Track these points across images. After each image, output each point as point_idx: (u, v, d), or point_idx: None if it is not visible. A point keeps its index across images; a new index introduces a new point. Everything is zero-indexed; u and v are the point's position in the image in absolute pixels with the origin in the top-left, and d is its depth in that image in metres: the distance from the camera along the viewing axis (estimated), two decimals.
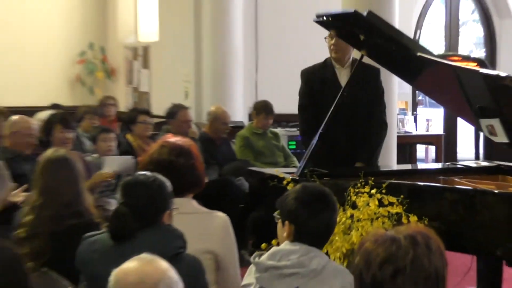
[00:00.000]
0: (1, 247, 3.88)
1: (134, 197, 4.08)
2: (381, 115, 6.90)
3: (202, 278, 3.92)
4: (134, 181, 4.20)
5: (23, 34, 16.48)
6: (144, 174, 4.23)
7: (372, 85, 6.85)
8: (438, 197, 5.34)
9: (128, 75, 16.34)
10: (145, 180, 4.14)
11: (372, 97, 6.82)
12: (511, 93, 5.63)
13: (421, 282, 2.46)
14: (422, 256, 2.48)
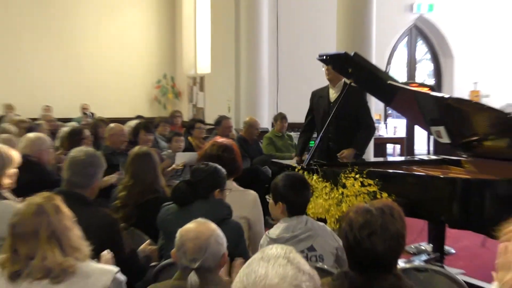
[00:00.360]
0: (103, 213, 3.96)
1: (192, 177, 4.16)
2: (367, 119, 6.85)
3: (242, 237, 3.97)
4: (196, 167, 4.26)
5: (121, 66, 16.45)
6: (206, 163, 4.29)
7: (359, 100, 6.80)
8: (401, 180, 5.35)
9: (189, 96, 16.24)
10: (203, 167, 4.19)
11: (361, 108, 6.78)
12: (451, 109, 5.63)
13: (388, 240, 2.51)
14: (388, 222, 2.54)
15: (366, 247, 2.50)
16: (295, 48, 12.36)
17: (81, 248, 2.84)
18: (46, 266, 2.69)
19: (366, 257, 2.51)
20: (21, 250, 2.72)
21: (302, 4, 12.89)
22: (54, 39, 15.93)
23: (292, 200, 3.87)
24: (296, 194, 3.89)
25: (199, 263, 2.72)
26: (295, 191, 3.89)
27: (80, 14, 16.13)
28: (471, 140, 5.82)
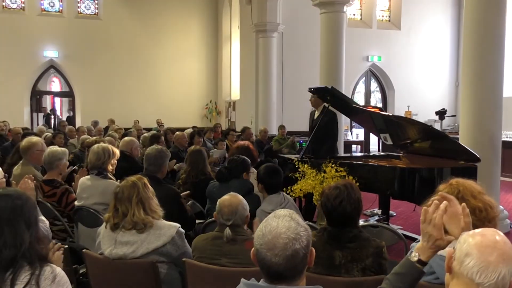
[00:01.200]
0: (170, 188, 3.96)
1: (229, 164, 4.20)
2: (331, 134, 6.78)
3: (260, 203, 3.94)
4: (232, 158, 4.28)
5: (182, 94, 16.49)
6: (237, 155, 4.30)
7: (328, 118, 6.71)
8: (361, 168, 5.31)
9: (226, 113, 16.22)
10: (236, 158, 4.21)
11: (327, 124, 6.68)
12: (393, 123, 5.61)
13: (352, 203, 2.53)
14: (351, 193, 2.57)
15: (339, 210, 2.51)
16: (294, 81, 12.41)
17: (157, 211, 2.88)
18: (134, 220, 2.76)
19: (339, 217, 2.53)
20: (120, 208, 2.80)
21: (298, 54, 12.90)
22: (141, 75, 16.05)
23: (267, 182, 3.88)
24: (269, 178, 3.88)
25: (232, 221, 2.72)
26: (269, 176, 3.88)
27: (157, 60, 16.22)
28: (406, 142, 5.79)
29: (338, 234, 2.52)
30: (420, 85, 14.74)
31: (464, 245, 1.41)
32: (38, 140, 4.98)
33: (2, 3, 15.03)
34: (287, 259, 1.54)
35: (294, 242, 1.55)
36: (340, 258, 2.46)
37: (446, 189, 2.13)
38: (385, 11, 15.13)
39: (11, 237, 1.81)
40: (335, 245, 2.50)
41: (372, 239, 2.55)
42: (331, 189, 2.59)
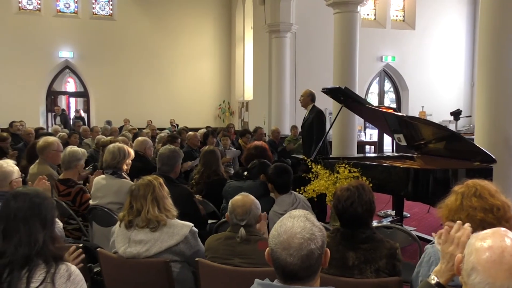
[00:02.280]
0: (183, 188, 3.97)
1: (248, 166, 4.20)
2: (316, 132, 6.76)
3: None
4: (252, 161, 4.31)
5: (196, 94, 16.54)
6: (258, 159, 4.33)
7: (313, 117, 6.76)
8: (375, 168, 5.27)
9: (239, 114, 16.23)
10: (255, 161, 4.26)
11: (312, 123, 6.75)
12: (407, 123, 5.56)
13: (363, 206, 2.51)
14: (362, 194, 2.55)
15: (350, 211, 2.50)
16: (306, 81, 12.29)
17: (171, 210, 2.90)
18: (148, 217, 2.79)
19: (351, 218, 2.53)
20: (135, 205, 2.83)
21: (311, 54, 12.86)
22: (154, 76, 16.13)
23: (276, 181, 3.88)
24: (278, 177, 3.87)
25: (245, 221, 2.72)
26: (277, 175, 3.88)
27: (171, 60, 16.28)
28: (420, 143, 5.74)
29: (351, 235, 2.51)
30: (434, 85, 14.62)
31: (471, 257, 1.38)
32: (54, 140, 5.04)
33: (18, 5, 15.22)
34: (302, 259, 1.54)
35: (309, 242, 1.55)
36: (354, 259, 2.45)
37: (462, 188, 2.11)
38: (399, 11, 15.03)
39: (26, 236, 1.84)
40: (348, 246, 2.49)
41: (386, 240, 2.53)
42: (343, 191, 2.59)
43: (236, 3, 16.33)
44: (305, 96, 6.89)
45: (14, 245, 1.83)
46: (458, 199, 2.08)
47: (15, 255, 1.81)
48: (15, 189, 2.03)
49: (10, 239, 1.85)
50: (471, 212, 2.00)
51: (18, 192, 1.97)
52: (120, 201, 3.84)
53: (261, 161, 4.24)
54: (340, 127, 8.37)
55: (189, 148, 7.15)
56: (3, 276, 1.79)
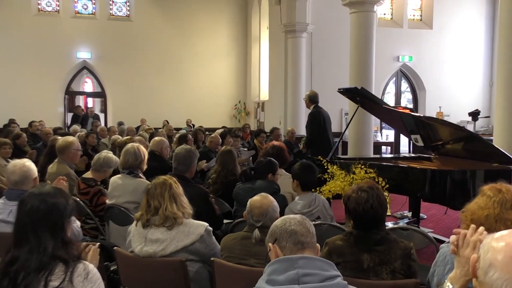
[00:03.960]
0: (198, 187, 3.98)
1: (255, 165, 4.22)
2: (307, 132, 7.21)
3: (286, 204, 3.94)
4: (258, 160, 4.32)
5: (212, 95, 16.48)
6: (264, 157, 4.31)
7: (309, 119, 7.04)
8: (391, 169, 5.23)
9: (255, 114, 16.19)
10: (262, 159, 4.22)
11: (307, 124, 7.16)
12: (424, 124, 5.52)
13: (382, 206, 2.49)
14: (379, 194, 2.54)
15: (371, 214, 2.47)
16: (323, 82, 12.27)
17: (187, 208, 2.93)
18: (166, 214, 2.81)
19: (370, 220, 2.48)
20: (153, 203, 2.86)
21: (328, 54, 12.81)
22: (171, 76, 16.17)
23: (302, 178, 3.89)
24: (304, 175, 3.90)
25: (261, 223, 2.72)
26: (304, 172, 3.91)
27: (187, 60, 16.29)
28: (437, 144, 5.68)
29: (364, 237, 2.48)
30: (452, 85, 14.45)
31: (487, 254, 1.36)
32: (74, 139, 5.11)
33: (37, 6, 15.42)
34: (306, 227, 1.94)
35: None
36: (368, 262, 2.42)
37: (498, 196, 2.04)
38: (416, 10, 14.89)
39: (36, 245, 1.85)
40: (362, 248, 2.46)
41: (400, 241, 2.50)
42: (358, 192, 2.52)
43: (252, 3, 16.33)
44: (306, 98, 7.26)
45: (25, 252, 1.85)
46: (496, 207, 2.01)
47: (28, 260, 1.83)
48: (28, 192, 2.03)
49: (21, 246, 1.87)
50: (510, 225, 1.95)
51: (29, 196, 1.97)
52: (136, 200, 3.88)
53: (268, 159, 4.22)
54: (356, 128, 8.32)
55: (206, 148, 7.16)
56: (19, 279, 1.80)
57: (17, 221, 1.93)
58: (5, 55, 14.72)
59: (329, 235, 2.69)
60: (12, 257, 1.84)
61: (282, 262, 1.79)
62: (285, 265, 1.77)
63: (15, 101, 14.54)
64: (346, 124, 7.32)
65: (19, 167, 3.35)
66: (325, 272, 1.76)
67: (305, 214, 3.65)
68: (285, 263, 1.77)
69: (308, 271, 1.74)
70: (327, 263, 1.82)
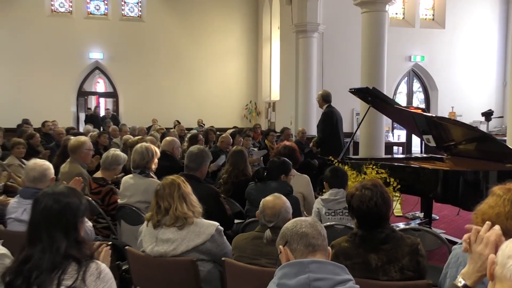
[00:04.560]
0: (209, 187, 3.99)
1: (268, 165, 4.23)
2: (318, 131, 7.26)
3: (299, 205, 3.94)
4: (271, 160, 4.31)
5: (223, 95, 16.55)
6: (278, 157, 4.31)
7: (320, 118, 7.16)
8: (403, 170, 5.20)
9: (266, 114, 16.18)
10: (276, 159, 4.22)
11: (319, 123, 7.26)
12: (437, 124, 5.48)
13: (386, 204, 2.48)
14: (383, 192, 2.53)
15: (375, 212, 2.45)
16: (334, 82, 12.21)
17: (197, 208, 2.92)
18: (176, 214, 2.81)
19: (374, 218, 2.46)
20: (162, 204, 2.85)
21: (339, 54, 12.77)
22: (182, 76, 16.23)
23: (332, 182, 3.95)
24: (333, 178, 3.96)
25: (273, 224, 2.72)
26: (333, 176, 3.98)
27: (198, 61, 16.35)
28: (450, 144, 5.64)
29: (369, 236, 2.46)
30: (465, 85, 14.33)
31: (506, 249, 1.38)
32: (86, 139, 5.15)
33: (51, 7, 15.57)
34: (316, 229, 1.92)
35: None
36: (376, 261, 2.40)
37: (501, 190, 2.05)
38: (428, 10, 14.78)
39: (49, 245, 1.87)
40: (368, 248, 2.44)
41: (406, 237, 2.48)
42: (363, 190, 2.50)
43: (263, 3, 16.33)
44: (319, 98, 7.26)
45: (39, 251, 1.86)
46: (506, 205, 1.98)
47: (41, 260, 1.84)
48: (42, 191, 2.04)
49: (35, 245, 1.88)
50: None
51: (43, 195, 1.98)
52: (147, 200, 3.89)
53: (282, 160, 4.21)
54: (367, 128, 8.28)
55: (217, 148, 7.18)
56: (32, 277, 1.82)
57: (30, 220, 1.95)
58: (18, 56, 14.90)
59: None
60: (25, 256, 1.86)
61: (293, 266, 1.78)
62: (296, 269, 1.76)
63: (28, 101, 14.71)
64: (357, 124, 7.31)
65: (39, 164, 3.44)
66: (337, 277, 1.75)
67: (332, 202, 3.80)
68: (296, 267, 1.76)
69: (319, 275, 1.73)
70: (339, 267, 1.80)
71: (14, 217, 3.26)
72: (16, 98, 14.77)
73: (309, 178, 4.63)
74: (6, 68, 14.86)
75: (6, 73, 14.86)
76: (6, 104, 14.57)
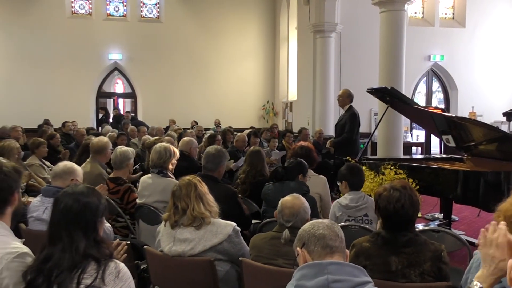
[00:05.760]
0: (227, 187, 3.99)
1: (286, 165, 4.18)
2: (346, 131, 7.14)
3: (315, 205, 3.93)
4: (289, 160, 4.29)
5: (240, 95, 16.59)
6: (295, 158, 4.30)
7: (347, 118, 7.02)
8: (422, 170, 5.16)
9: (283, 114, 16.17)
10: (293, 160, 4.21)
11: (346, 124, 7.10)
12: (456, 124, 5.41)
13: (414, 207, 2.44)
14: (412, 194, 2.49)
15: (401, 213, 2.42)
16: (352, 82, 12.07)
17: (214, 208, 2.93)
18: (194, 214, 2.82)
19: (400, 220, 2.44)
20: (180, 205, 2.86)
21: (357, 54, 12.69)
22: (200, 76, 16.31)
23: (350, 180, 3.87)
24: (352, 176, 3.89)
25: (291, 223, 2.71)
26: (352, 174, 3.90)
27: (216, 61, 16.42)
28: (470, 144, 5.56)
29: (392, 238, 2.43)
30: (485, 85, 14.11)
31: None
32: (108, 140, 5.22)
33: (71, 9, 15.80)
34: (335, 231, 1.92)
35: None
36: (397, 264, 2.38)
37: None
38: (448, 9, 14.60)
39: (69, 244, 1.89)
40: (390, 250, 2.41)
41: (430, 242, 2.44)
42: (390, 191, 2.47)
43: (281, 3, 16.32)
44: (344, 96, 7.14)
45: (59, 251, 1.88)
46: None
47: (62, 259, 1.86)
48: (62, 191, 2.07)
49: (55, 244, 1.91)
50: None
51: (63, 195, 2.00)
52: (165, 200, 3.90)
53: (299, 160, 4.21)
54: (385, 128, 8.21)
55: (235, 148, 7.20)
56: (52, 276, 1.84)
57: (51, 219, 1.98)
58: (39, 57, 15.14)
59: (359, 237, 2.65)
60: (46, 255, 1.89)
61: (311, 267, 1.77)
62: (314, 270, 1.75)
63: (48, 102, 14.96)
64: (375, 124, 7.25)
65: (69, 163, 3.56)
66: (356, 278, 1.74)
67: (352, 209, 3.74)
68: (315, 268, 1.76)
69: (338, 277, 1.72)
70: (357, 268, 1.79)
71: (35, 216, 3.31)
72: (36, 98, 15.02)
73: (326, 179, 4.60)
74: (27, 69, 15.11)
75: (28, 74, 15.10)
76: (27, 104, 14.83)
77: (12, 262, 1.89)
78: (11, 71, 15.05)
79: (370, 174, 5.03)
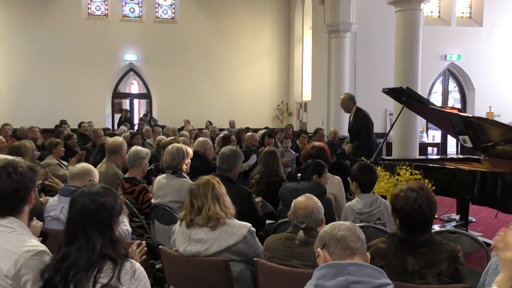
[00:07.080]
0: (241, 188, 3.99)
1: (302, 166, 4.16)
2: (361, 134, 6.97)
3: (331, 207, 3.92)
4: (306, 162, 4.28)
5: (255, 96, 16.64)
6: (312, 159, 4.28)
7: (360, 120, 6.90)
8: (438, 171, 5.11)
9: (298, 114, 16.13)
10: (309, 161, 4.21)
11: (361, 128, 6.93)
12: (473, 124, 5.34)
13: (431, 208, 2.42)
14: (429, 195, 2.48)
15: (418, 214, 2.41)
16: (367, 82, 12.10)
17: (230, 208, 2.94)
18: (209, 214, 2.83)
19: (417, 221, 2.43)
20: (196, 203, 2.88)
21: (372, 54, 12.61)
22: (214, 77, 16.38)
23: (361, 179, 3.77)
24: (363, 176, 3.78)
25: (305, 224, 2.71)
26: (362, 173, 3.79)
27: (230, 61, 16.48)
28: (487, 145, 5.49)
29: (409, 239, 2.42)
30: (503, 84, 13.93)
31: None
32: (123, 140, 5.26)
33: (87, 11, 15.98)
34: (356, 234, 1.89)
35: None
36: (413, 264, 2.36)
37: None
38: (466, 8, 14.43)
39: (85, 244, 1.91)
40: (406, 251, 2.40)
41: (446, 243, 2.43)
42: (408, 192, 2.46)
43: (295, 3, 16.29)
44: (346, 101, 7.10)
45: (75, 250, 1.90)
46: None
47: (78, 258, 1.88)
48: (79, 190, 2.09)
49: (71, 244, 1.93)
50: None
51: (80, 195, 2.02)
52: (180, 200, 3.94)
53: (315, 161, 4.19)
54: (401, 128, 8.15)
55: (248, 148, 7.21)
56: (69, 275, 1.86)
57: (68, 219, 2.00)
58: (56, 58, 15.34)
59: (373, 238, 2.64)
60: (63, 254, 1.91)
61: (331, 267, 1.77)
62: (334, 270, 1.75)
63: (65, 102, 15.16)
64: (390, 124, 7.19)
65: (86, 165, 3.60)
66: (376, 280, 1.73)
67: (366, 214, 3.62)
68: (335, 269, 1.76)
69: (357, 278, 1.71)
70: (377, 270, 1.79)
71: (52, 215, 3.35)
72: (53, 99, 15.22)
73: (340, 179, 4.58)
74: (44, 70, 15.32)
75: (45, 75, 15.31)
76: (44, 105, 15.04)
77: (30, 259, 1.91)
78: (29, 72, 15.28)
79: (386, 175, 4.99)
